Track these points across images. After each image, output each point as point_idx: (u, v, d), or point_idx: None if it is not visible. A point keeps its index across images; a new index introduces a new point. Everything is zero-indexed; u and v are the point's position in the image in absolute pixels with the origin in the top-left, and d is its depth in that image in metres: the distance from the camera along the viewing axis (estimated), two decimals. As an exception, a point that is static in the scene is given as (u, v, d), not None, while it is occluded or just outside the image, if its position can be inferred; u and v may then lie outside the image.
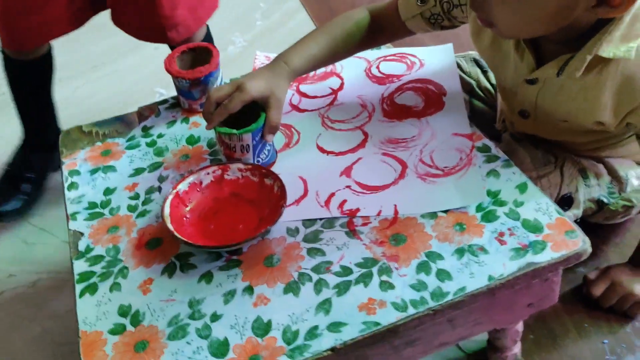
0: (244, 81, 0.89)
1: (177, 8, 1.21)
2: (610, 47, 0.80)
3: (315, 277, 0.76)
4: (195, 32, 1.29)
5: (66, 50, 1.97)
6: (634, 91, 0.84)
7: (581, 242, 0.77)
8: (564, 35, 0.84)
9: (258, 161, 0.91)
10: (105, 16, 1.25)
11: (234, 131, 0.88)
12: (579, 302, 1.09)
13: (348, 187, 0.88)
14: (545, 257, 0.76)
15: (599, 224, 1.15)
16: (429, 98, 1.01)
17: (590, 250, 0.78)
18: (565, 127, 0.97)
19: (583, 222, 1.12)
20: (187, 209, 0.86)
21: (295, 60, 0.95)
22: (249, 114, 0.89)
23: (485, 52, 1.01)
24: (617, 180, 1.08)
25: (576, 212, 1.05)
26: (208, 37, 1.36)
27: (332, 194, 0.87)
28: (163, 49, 1.90)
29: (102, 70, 1.87)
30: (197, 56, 1.06)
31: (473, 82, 1.24)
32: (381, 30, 1.04)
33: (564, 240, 0.77)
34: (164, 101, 1.10)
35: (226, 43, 1.87)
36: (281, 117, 0.91)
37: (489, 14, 0.81)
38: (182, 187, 0.87)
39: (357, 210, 0.84)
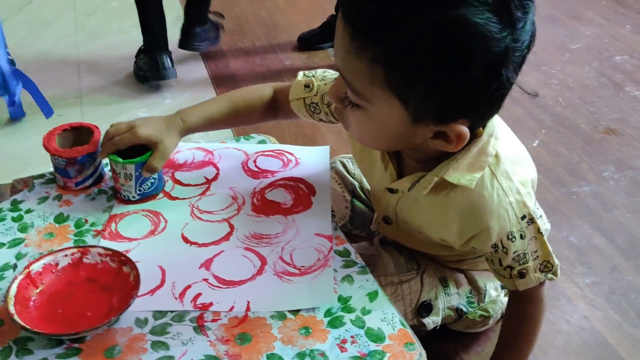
0: (138, 125, 1.01)
1: None
2: (457, 173, 0.84)
3: (153, 371, 0.76)
4: None
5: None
6: (475, 218, 0.87)
7: (418, 355, 0.80)
8: (419, 155, 0.89)
9: (140, 190, 1.01)
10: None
11: (119, 159, 0.98)
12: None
13: (205, 280, 0.89)
14: (381, 367, 0.78)
15: (462, 332, 1.19)
16: (299, 196, 1.04)
17: (426, 363, 0.81)
18: (421, 239, 1.01)
19: (446, 330, 1.17)
20: (37, 290, 0.84)
21: (191, 118, 1.05)
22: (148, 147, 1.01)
23: (356, 155, 1.05)
24: (477, 290, 1.13)
25: (435, 319, 1.09)
26: None
27: (189, 286, 0.87)
28: (68, 117, 1.90)
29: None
30: (79, 135, 1.06)
31: (356, 183, 1.28)
32: (279, 107, 1.11)
33: (403, 351, 0.80)
34: (41, 175, 1.08)
35: (133, 117, 1.88)
36: (163, 164, 1.01)
37: (346, 123, 0.87)
38: (36, 267, 0.86)
39: (210, 304, 0.85)
